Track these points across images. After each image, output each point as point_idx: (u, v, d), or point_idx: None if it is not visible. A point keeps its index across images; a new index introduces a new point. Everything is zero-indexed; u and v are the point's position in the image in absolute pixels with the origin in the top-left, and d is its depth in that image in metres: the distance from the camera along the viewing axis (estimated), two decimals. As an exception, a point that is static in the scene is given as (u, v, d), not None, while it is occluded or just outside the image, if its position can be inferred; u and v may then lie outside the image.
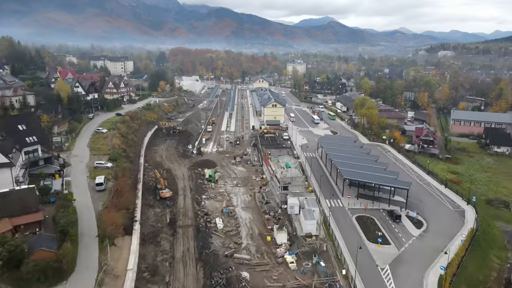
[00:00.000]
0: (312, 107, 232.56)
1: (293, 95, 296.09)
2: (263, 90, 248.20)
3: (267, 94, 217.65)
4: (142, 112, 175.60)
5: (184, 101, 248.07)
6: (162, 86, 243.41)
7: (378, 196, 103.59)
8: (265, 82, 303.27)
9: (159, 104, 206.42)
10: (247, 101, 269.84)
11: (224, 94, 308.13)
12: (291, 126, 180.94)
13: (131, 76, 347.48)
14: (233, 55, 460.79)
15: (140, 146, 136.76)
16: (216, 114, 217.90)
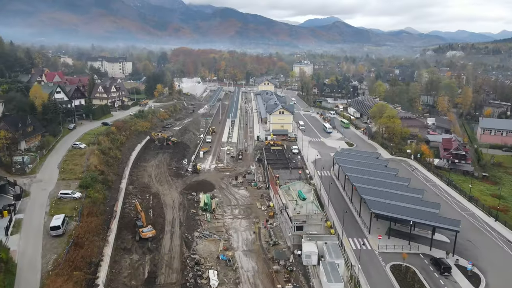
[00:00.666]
0: (322, 113, 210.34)
1: (300, 99, 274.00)
2: (268, 94, 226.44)
3: (273, 99, 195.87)
4: (133, 121, 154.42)
5: (183, 105, 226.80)
6: (159, 89, 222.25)
7: (415, 233, 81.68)
8: (270, 84, 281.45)
9: (154, 110, 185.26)
10: (251, 105, 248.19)
11: (227, 97, 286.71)
12: (301, 136, 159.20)
13: (130, 78, 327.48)
14: (237, 56, 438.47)
15: (125, 164, 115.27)
16: (217, 121, 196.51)
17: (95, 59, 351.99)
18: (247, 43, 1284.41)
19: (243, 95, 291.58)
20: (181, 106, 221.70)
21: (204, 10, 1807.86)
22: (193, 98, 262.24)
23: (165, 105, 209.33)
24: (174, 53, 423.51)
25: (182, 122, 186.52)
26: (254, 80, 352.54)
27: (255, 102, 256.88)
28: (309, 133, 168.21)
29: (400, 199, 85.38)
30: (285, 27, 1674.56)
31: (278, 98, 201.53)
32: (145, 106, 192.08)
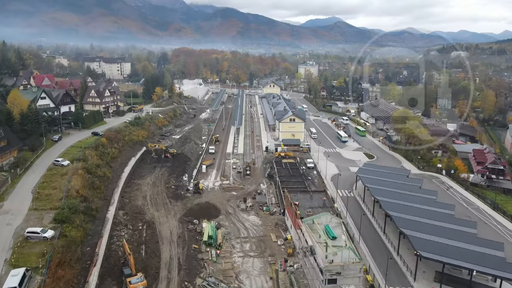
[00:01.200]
0: (335, 118, 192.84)
1: (308, 102, 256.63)
2: (275, 98, 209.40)
3: (282, 103, 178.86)
4: (127, 129, 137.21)
5: (183, 110, 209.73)
6: (158, 93, 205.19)
7: (474, 281, 64.66)
8: (276, 87, 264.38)
9: (152, 116, 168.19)
10: (256, 109, 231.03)
11: (230, 100, 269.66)
12: (314, 146, 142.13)
13: (128, 79, 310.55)
14: (240, 56, 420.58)
15: (115, 184, 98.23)
16: (221, 128, 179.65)
17: (93, 60, 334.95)
18: (248, 43, 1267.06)
19: (247, 98, 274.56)
20: (181, 110, 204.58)
21: (205, 10, 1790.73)
22: (195, 102, 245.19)
23: (164, 110, 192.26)
24: (175, 54, 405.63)
25: (182, 130, 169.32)
26: (258, 82, 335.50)
27: (260, 106, 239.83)
28: (322, 142, 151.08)
29: (452, 235, 68.49)
30: (287, 27, 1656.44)
31: (287, 103, 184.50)
32: (142, 112, 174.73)
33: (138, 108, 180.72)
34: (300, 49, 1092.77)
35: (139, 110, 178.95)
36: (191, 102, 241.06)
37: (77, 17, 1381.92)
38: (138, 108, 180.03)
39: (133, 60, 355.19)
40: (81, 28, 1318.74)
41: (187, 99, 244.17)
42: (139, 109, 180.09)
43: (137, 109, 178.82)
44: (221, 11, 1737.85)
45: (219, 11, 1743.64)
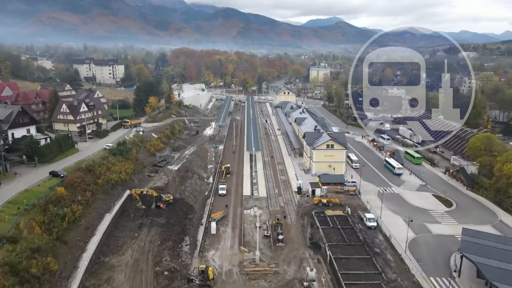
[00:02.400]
0: (374, 138, 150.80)
1: (330, 113, 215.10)
2: (294, 108, 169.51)
3: (309, 120, 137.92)
4: (105, 163, 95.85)
5: (184, 125, 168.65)
6: (153, 103, 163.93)
7: None
8: (291, 94, 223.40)
9: (143, 138, 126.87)
10: (270, 122, 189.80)
11: (238, 109, 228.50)
12: (361, 183, 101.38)
13: (121, 84, 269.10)
14: (246, 57, 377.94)
15: (67, 280, 56.87)
16: (231, 150, 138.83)
17: (82, 62, 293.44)
18: (250, 44, 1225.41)
19: (258, 106, 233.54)
20: (181, 126, 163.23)
21: (206, 10, 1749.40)
22: (197, 112, 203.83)
23: (159, 126, 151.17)
24: (174, 54, 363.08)
25: (182, 155, 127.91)
26: (267, 86, 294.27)
27: (275, 117, 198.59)
28: (367, 174, 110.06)
29: None
30: (288, 27, 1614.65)
31: (314, 118, 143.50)
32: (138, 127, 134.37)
33: (131, 123, 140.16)
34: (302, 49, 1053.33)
35: (135, 125, 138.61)
36: (192, 113, 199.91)
37: (77, 17, 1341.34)
38: (131, 123, 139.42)
39: (128, 62, 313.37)
40: (80, 28, 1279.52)
41: (187, 109, 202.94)
42: (132, 124, 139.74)
43: (129, 125, 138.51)
44: (221, 11, 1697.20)
45: (219, 11, 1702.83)
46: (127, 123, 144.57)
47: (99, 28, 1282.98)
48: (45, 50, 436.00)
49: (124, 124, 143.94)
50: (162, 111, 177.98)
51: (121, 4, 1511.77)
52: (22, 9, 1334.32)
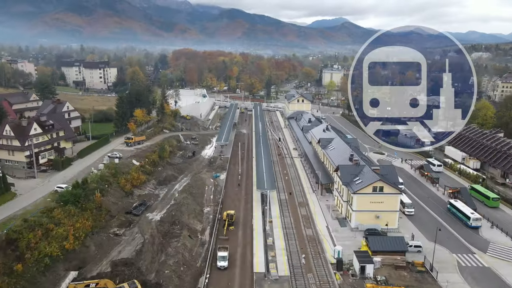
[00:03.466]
0: (423, 165, 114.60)
1: (352, 125, 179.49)
2: (313, 123, 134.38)
3: (340, 145, 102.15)
4: (45, 222, 61.78)
5: (177, 143, 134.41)
6: (139, 117, 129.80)
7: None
8: (306, 102, 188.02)
9: (118, 168, 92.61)
10: (283, 137, 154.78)
11: (243, 119, 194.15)
12: (424, 244, 66.83)
13: (112, 90, 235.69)
14: (252, 59, 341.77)
15: None
16: (236, 183, 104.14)
17: (71, 64, 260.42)
18: (255, 45, 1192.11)
19: (267, 115, 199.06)
20: (173, 145, 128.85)
21: (211, 11, 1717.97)
22: (195, 125, 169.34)
23: (145, 148, 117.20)
24: (175, 56, 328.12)
25: (170, 192, 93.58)
26: (276, 91, 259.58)
27: (288, 130, 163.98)
28: (428, 226, 75.09)
29: None
30: (294, 28, 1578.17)
31: (345, 140, 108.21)
32: (114, 154, 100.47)
33: (136, 140, 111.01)
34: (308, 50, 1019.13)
35: (139, 143, 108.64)
36: (190, 125, 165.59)
37: (81, 18, 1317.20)
38: (136, 140, 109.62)
39: (123, 64, 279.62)
40: (84, 29, 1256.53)
41: (185, 120, 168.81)
42: (137, 141, 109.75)
43: (133, 142, 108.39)
44: (226, 12, 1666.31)
45: (224, 12, 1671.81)
46: (130, 140, 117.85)
47: (103, 29, 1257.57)
48: (39, 52, 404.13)
49: (127, 142, 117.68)
50: (153, 125, 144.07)
51: (126, 5, 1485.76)
52: (27, 10, 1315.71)
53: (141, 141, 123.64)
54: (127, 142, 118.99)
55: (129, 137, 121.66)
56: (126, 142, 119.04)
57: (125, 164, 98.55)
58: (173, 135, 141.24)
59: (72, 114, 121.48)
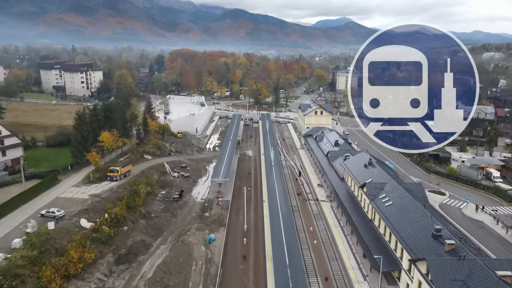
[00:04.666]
0: (496, 213, 77.47)
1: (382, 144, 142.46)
2: (362, 159, 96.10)
3: (411, 205, 63.97)
4: None
5: (159, 177, 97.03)
6: (107, 143, 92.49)
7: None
8: (326, 113, 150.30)
9: (48, 241, 55.53)
10: (302, 165, 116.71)
11: (248, 134, 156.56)
12: None
13: (96, 96, 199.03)
14: (257, 60, 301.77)
15: None
16: (239, 251, 66.56)
17: (51, 67, 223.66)
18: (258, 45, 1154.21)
19: (277, 128, 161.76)
20: (153, 182, 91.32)
21: (214, 11, 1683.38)
22: (188, 144, 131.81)
23: (109, 191, 79.96)
24: (172, 57, 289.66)
25: (131, 283, 56.53)
26: (286, 96, 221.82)
27: (307, 154, 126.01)
28: None
29: None
30: (297, 28, 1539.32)
31: (409, 190, 70.10)
32: (50, 210, 63.66)
33: (122, 172, 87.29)
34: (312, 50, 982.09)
35: (124, 175, 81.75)
36: (182, 146, 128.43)
37: (83, 18, 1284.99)
38: (122, 172, 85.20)
39: (112, 67, 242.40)
40: (86, 30, 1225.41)
41: (175, 139, 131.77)
42: (123, 173, 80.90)
43: (119, 175, 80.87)
44: (230, 12, 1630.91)
45: (228, 12, 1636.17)
46: (115, 174, 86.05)
47: (105, 29, 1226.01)
48: (26, 52, 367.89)
49: (111, 175, 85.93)
50: (130, 150, 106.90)
51: (128, 5, 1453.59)
52: (29, 10, 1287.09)
53: (127, 172, 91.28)
54: (111, 176, 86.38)
55: (113, 169, 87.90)
56: (110, 176, 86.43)
57: (66, 230, 61.52)
58: (155, 164, 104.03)
59: (8, 142, 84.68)
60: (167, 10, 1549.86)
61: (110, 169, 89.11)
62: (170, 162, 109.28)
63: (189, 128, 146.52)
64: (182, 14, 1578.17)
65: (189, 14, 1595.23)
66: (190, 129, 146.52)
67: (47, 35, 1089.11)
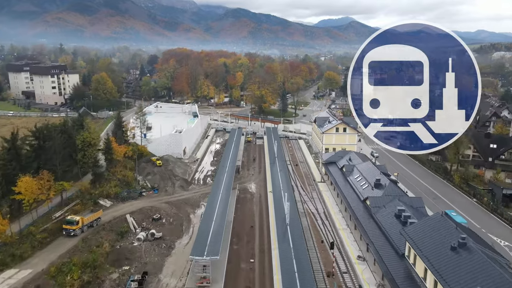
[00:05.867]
0: None
1: (425, 170, 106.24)
2: (389, 191, 60.65)
3: None
4: None
5: (117, 237, 61.79)
6: (27, 194, 57.28)
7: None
8: (350, 131, 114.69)
9: None
10: (328, 215, 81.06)
11: (251, 155, 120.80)
12: None
13: (69, 105, 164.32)
14: (261, 61, 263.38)
15: None
16: None
17: (19, 69, 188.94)
18: (261, 44, 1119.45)
19: (286, 147, 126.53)
20: (102, 258, 56.36)
21: (216, 11, 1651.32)
22: (170, 175, 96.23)
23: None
24: (165, 58, 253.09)
25: None
26: (295, 104, 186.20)
27: (330, 195, 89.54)
28: None
29: None
30: (300, 28, 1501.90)
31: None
32: None
33: (84, 221, 61.19)
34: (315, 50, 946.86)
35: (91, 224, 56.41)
36: (162, 178, 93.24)
37: (84, 18, 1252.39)
38: (84, 222, 60.42)
39: (95, 69, 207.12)
40: (87, 29, 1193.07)
41: (153, 168, 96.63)
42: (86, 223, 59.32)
43: (80, 228, 58.41)
44: (232, 11, 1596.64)
45: (230, 12, 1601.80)
46: (74, 226, 60.22)
47: (106, 29, 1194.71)
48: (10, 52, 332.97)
49: (68, 228, 60.05)
50: (77, 196, 71.89)
51: (130, 4, 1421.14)
52: (30, 10, 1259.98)
53: (95, 221, 64.97)
54: (68, 230, 59.94)
55: (71, 220, 60.59)
56: (66, 230, 60.02)
57: None
58: (114, 218, 69.00)
59: None
60: (169, 10, 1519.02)
61: (66, 219, 60.97)
62: (138, 211, 74.21)
63: (175, 150, 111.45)
64: (184, 13, 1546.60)
65: (191, 14, 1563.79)
66: (175, 150, 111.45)
67: (45, 34, 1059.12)
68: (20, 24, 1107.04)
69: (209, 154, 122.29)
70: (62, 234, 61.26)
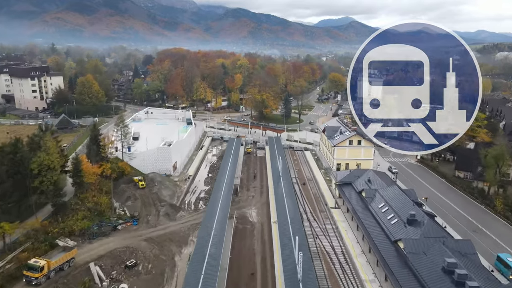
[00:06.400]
0: None
1: (452, 190, 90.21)
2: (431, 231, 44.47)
3: None
4: None
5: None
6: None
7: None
8: (365, 143, 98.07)
9: None
10: (346, 253, 64.56)
11: (250, 171, 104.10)
12: None
13: (51, 111, 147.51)
14: (262, 62, 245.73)
15: None
16: None
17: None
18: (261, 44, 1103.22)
19: (291, 161, 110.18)
20: None
21: (216, 11, 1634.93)
22: (154, 200, 79.94)
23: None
24: (160, 57, 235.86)
25: None
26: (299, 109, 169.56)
27: (353, 229, 71.95)
28: None
29: None
30: (300, 28, 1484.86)
31: None
32: None
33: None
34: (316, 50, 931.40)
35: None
36: (144, 204, 76.88)
37: (83, 18, 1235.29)
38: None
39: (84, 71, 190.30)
40: (86, 29, 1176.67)
41: (135, 191, 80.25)
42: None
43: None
44: (232, 11, 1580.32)
45: (230, 11, 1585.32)
46: (37, 274, 45.68)
47: (105, 28, 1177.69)
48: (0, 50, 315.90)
49: (29, 275, 44.92)
50: (32, 236, 55.46)
51: (129, 4, 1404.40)
52: (29, 10, 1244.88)
53: (65, 264, 51.10)
54: (29, 278, 45.62)
55: (34, 265, 46.15)
56: (27, 278, 45.83)
57: None
58: (76, 268, 52.61)
59: None
60: (168, 9, 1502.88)
61: (28, 264, 46.39)
62: (108, 255, 57.79)
63: (163, 166, 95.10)
64: (184, 13, 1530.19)
65: (191, 13, 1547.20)
66: (164, 166, 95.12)
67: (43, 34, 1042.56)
68: (18, 24, 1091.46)
69: (204, 169, 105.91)
70: (22, 281, 45.78)
